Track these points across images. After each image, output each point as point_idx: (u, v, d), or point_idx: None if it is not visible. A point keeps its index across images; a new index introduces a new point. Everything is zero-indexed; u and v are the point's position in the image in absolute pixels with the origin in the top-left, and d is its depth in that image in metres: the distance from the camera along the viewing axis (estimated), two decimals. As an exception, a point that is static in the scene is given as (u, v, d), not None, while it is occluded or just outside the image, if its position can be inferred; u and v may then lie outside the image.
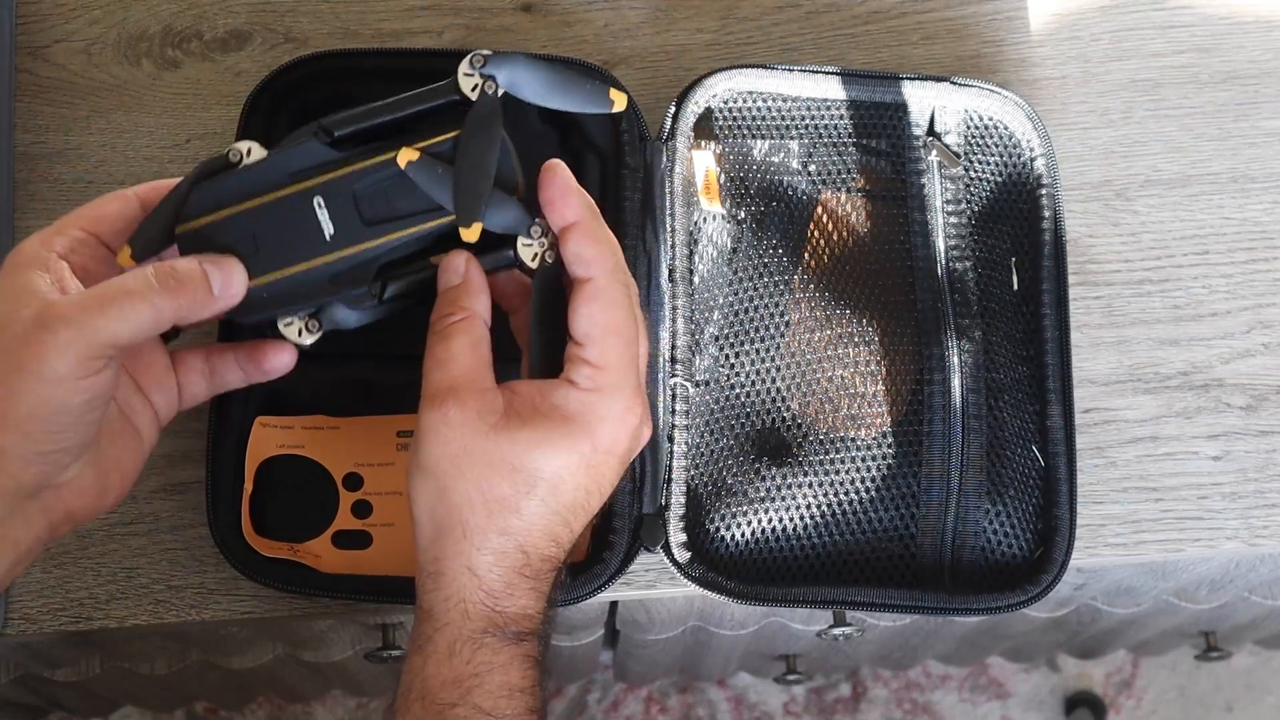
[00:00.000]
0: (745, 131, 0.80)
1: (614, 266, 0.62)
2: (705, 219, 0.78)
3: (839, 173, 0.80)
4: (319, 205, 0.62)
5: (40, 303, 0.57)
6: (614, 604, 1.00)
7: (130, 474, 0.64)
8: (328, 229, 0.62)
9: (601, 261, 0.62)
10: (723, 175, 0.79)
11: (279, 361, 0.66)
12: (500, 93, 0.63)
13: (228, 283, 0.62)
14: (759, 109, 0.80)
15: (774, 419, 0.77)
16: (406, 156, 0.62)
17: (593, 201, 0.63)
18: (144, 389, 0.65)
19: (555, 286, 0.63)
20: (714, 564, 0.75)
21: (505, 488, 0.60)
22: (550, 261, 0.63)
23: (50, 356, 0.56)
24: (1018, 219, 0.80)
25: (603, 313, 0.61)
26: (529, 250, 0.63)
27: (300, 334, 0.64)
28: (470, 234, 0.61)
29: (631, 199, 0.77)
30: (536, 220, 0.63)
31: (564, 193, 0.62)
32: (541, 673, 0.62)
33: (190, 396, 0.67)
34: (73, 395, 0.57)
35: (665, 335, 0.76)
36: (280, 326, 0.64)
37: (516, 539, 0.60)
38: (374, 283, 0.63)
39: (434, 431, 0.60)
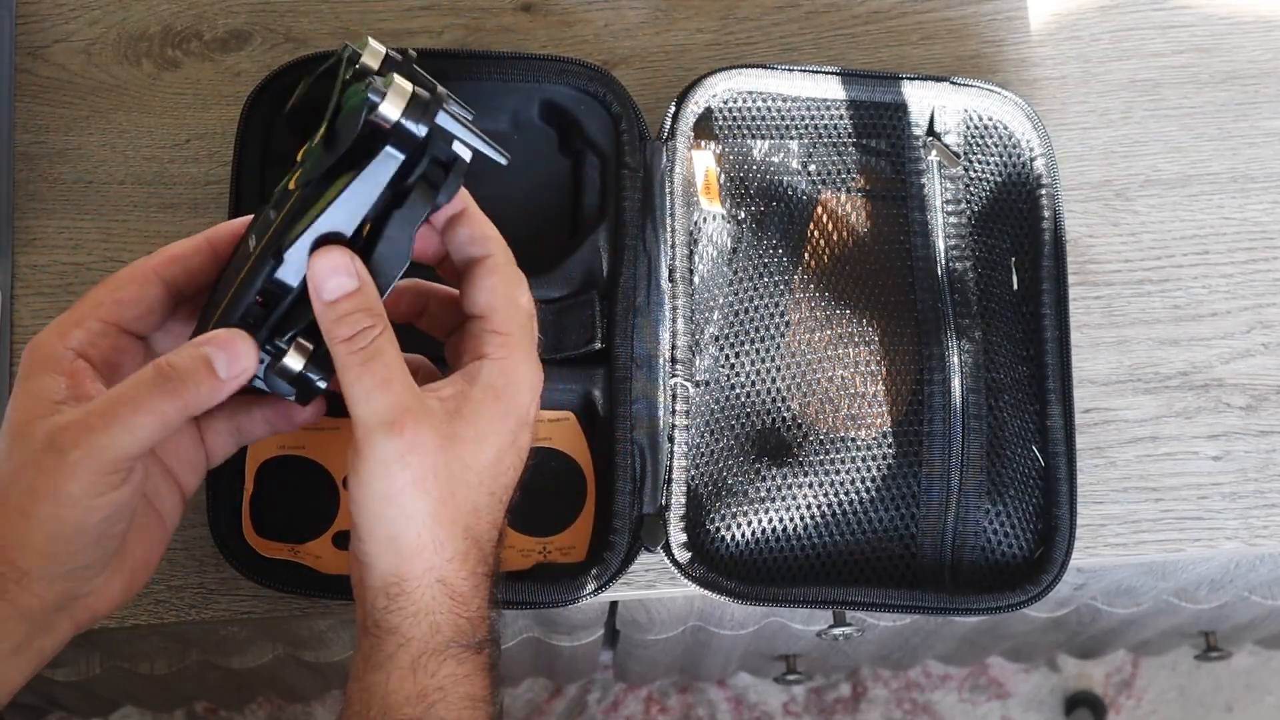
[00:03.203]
0: (745, 131, 0.80)
1: (505, 245, 0.63)
2: (705, 219, 0.78)
3: (839, 173, 0.80)
4: (249, 239, 0.61)
5: (50, 422, 0.56)
6: (614, 604, 1.00)
7: (154, 563, 0.63)
8: (251, 242, 0.60)
9: (495, 240, 0.62)
10: (723, 175, 0.79)
11: (306, 414, 0.65)
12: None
13: (234, 361, 0.58)
14: (759, 109, 0.80)
15: (774, 419, 0.77)
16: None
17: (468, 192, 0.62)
18: (173, 472, 0.64)
19: None
20: (714, 564, 0.75)
21: (465, 490, 0.59)
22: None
23: (64, 481, 0.55)
24: (1018, 219, 0.80)
25: (503, 284, 0.61)
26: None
27: (303, 364, 0.61)
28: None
29: (631, 199, 0.77)
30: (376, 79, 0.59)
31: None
32: (496, 679, 0.61)
33: (217, 459, 0.66)
34: (90, 515, 0.57)
35: (665, 335, 0.76)
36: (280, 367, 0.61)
37: (474, 535, 0.60)
38: (276, 254, 0.59)
39: (398, 461, 0.57)
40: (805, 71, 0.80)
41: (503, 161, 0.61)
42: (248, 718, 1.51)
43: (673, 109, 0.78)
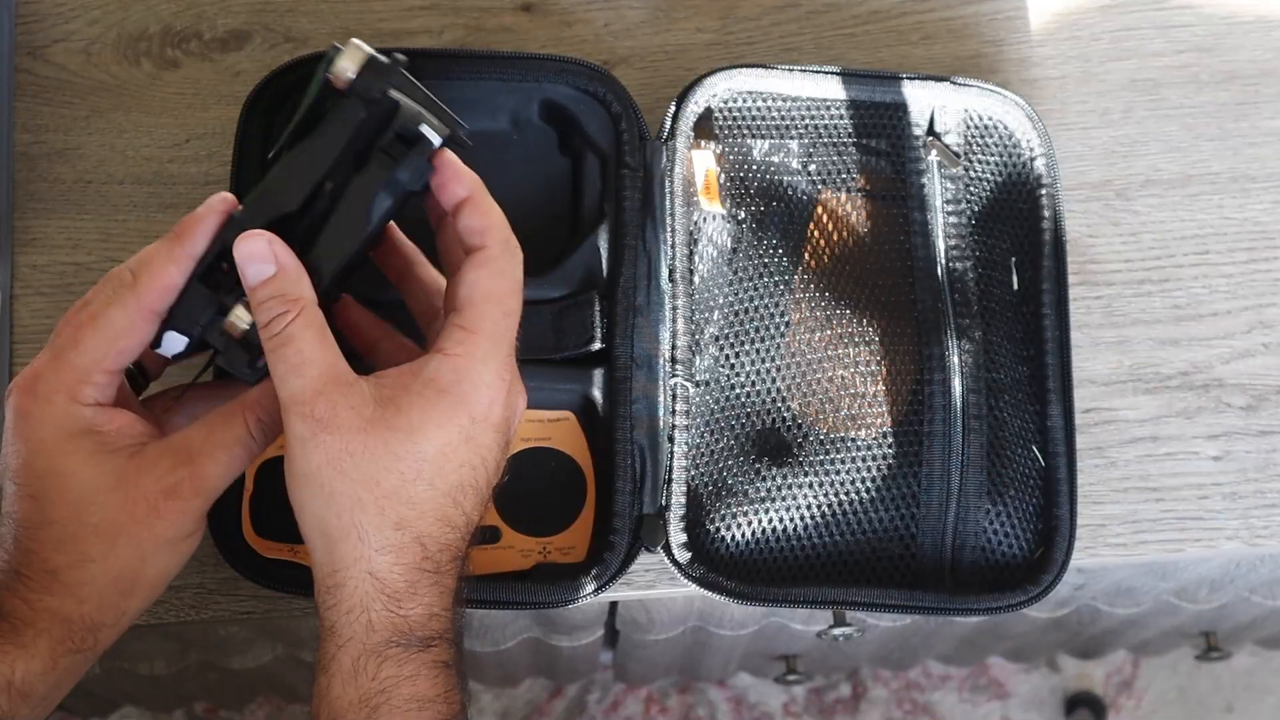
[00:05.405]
0: (745, 131, 0.80)
1: (506, 238, 0.62)
2: (705, 219, 0.78)
3: (839, 173, 0.80)
4: None
5: (158, 471, 0.59)
6: (614, 604, 1.00)
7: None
8: None
9: (495, 231, 0.61)
10: (723, 175, 0.79)
11: None
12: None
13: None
14: (759, 109, 0.80)
15: (774, 419, 0.77)
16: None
17: (480, 180, 0.62)
18: None
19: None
20: (714, 564, 0.75)
21: (393, 479, 0.58)
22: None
23: (186, 523, 0.60)
24: (1018, 219, 0.80)
25: (487, 280, 0.60)
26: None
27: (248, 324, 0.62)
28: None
29: (631, 199, 0.77)
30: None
31: (455, 173, 0.62)
32: (455, 676, 0.60)
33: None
34: (194, 545, 0.61)
35: (665, 335, 0.76)
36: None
37: (412, 531, 0.58)
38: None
39: (311, 439, 0.57)
40: (805, 71, 0.79)
41: (461, 129, 0.61)
42: (248, 718, 1.51)
43: (673, 109, 0.78)
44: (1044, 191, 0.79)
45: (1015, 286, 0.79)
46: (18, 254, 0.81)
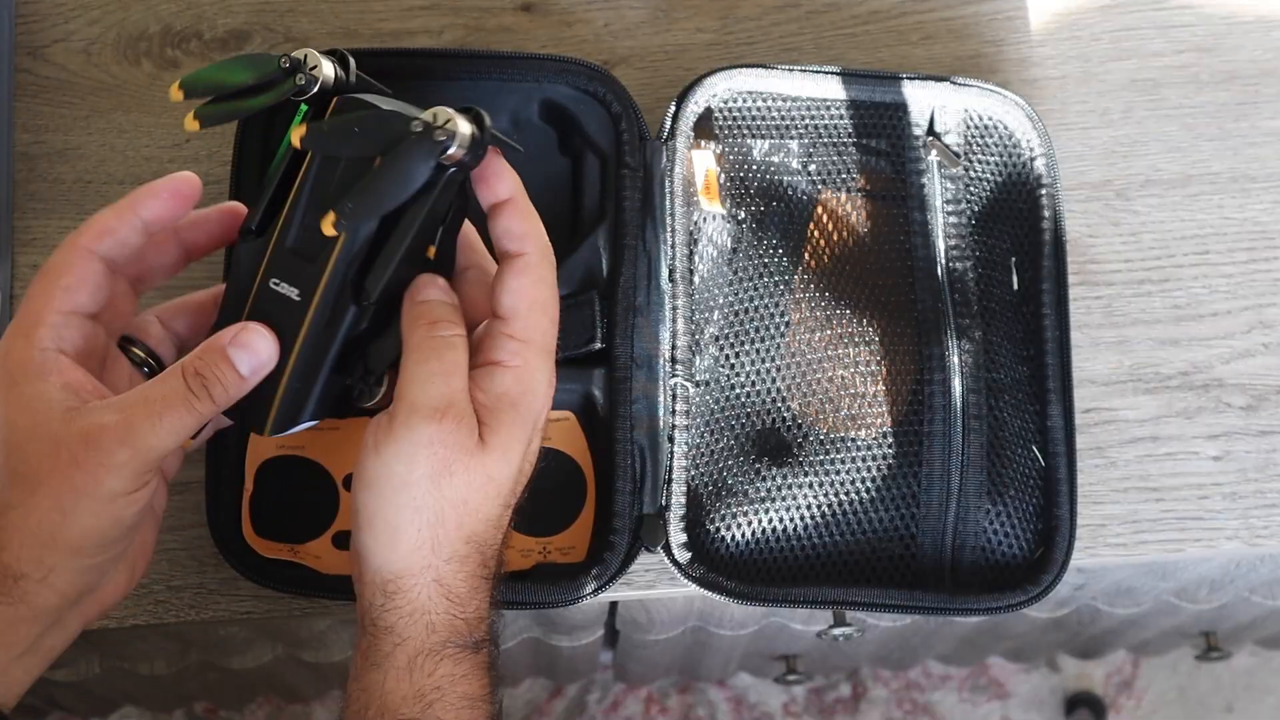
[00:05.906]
0: (745, 131, 0.80)
1: (544, 245, 0.62)
2: (705, 219, 0.78)
3: (839, 173, 0.80)
4: (275, 284, 0.61)
5: (85, 423, 0.56)
6: (614, 604, 1.00)
7: (150, 551, 0.65)
8: (292, 294, 0.60)
9: (534, 238, 0.61)
10: (723, 175, 0.79)
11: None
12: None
13: (254, 356, 0.59)
14: (759, 109, 0.80)
15: (774, 419, 0.77)
16: (297, 134, 0.60)
17: (520, 182, 0.62)
18: (162, 466, 0.64)
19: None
20: (714, 564, 0.75)
21: (478, 498, 0.59)
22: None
23: (106, 478, 0.56)
24: (1018, 219, 0.80)
25: (532, 288, 0.61)
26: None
27: (367, 395, 0.63)
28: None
29: (631, 199, 0.77)
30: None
31: (497, 171, 0.61)
32: (495, 678, 0.61)
33: (195, 441, 0.66)
34: (127, 509, 0.58)
35: (665, 335, 0.76)
36: (355, 401, 0.63)
37: (477, 542, 0.60)
38: (361, 300, 0.61)
39: (427, 447, 0.58)
40: (805, 71, 0.79)
41: (520, 150, 0.62)
42: (248, 718, 1.51)
43: (673, 109, 0.78)
44: (1044, 191, 0.79)
45: (1015, 286, 0.79)
46: (18, 254, 0.81)
